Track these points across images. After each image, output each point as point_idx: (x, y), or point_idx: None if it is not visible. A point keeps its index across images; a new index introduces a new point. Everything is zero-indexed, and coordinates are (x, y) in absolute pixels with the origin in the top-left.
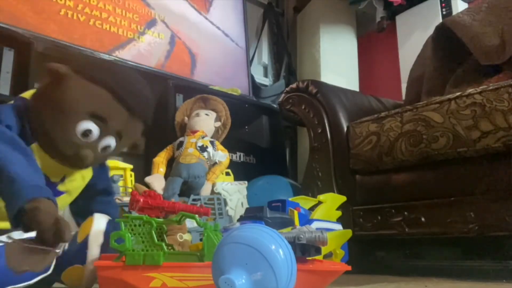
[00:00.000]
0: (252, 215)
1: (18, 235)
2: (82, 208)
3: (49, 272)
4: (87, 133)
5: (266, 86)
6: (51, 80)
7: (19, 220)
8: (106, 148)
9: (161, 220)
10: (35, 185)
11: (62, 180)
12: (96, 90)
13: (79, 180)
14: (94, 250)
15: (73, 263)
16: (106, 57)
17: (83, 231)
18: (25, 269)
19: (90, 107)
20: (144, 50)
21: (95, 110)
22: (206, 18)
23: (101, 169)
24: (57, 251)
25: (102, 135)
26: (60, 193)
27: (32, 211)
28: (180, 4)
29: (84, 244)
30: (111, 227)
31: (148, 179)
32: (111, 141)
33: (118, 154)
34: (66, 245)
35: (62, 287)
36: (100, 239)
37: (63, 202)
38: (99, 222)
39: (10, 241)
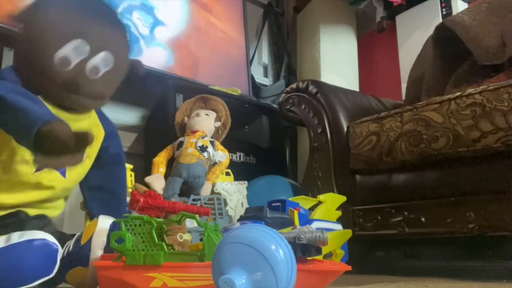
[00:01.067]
0: (252, 215)
1: (18, 237)
2: (94, 181)
3: (53, 274)
4: (65, 61)
5: (266, 86)
6: (20, 25)
7: (39, 145)
8: (94, 70)
9: (161, 220)
10: (46, 112)
11: None
12: (60, 14)
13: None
14: (97, 253)
15: (76, 265)
16: None
17: (87, 233)
18: (59, 164)
19: (61, 33)
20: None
21: (67, 33)
22: (206, 18)
23: (112, 129)
24: (84, 155)
25: (93, 50)
26: None
27: (49, 131)
28: (180, 4)
29: (87, 246)
30: (113, 230)
31: (148, 179)
32: (105, 55)
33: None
34: (71, 247)
35: (68, 287)
36: (103, 242)
37: (83, 166)
38: (102, 225)
39: (7, 244)
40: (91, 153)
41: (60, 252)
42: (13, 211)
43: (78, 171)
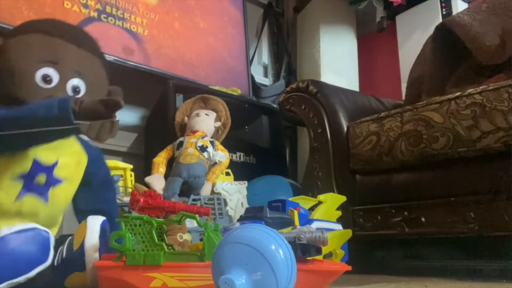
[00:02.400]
0: (252, 215)
1: (8, 229)
2: (86, 206)
3: (49, 261)
4: (46, 78)
5: (266, 86)
6: None
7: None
8: (75, 89)
9: (162, 220)
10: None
11: (56, 164)
12: (35, 38)
13: (73, 165)
14: (91, 256)
15: (73, 271)
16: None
17: (77, 237)
18: (107, 137)
19: (37, 55)
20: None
21: (42, 56)
22: (206, 18)
23: (95, 154)
24: (117, 119)
25: (63, 77)
26: (58, 180)
27: (77, 107)
28: (180, 4)
29: (81, 251)
30: (106, 228)
31: (148, 179)
32: (76, 81)
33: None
34: (64, 253)
35: None
36: (96, 245)
37: (66, 192)
38: (92, 227)
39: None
40: (73, 178)
41: (52, 238)
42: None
43: (61, 196)
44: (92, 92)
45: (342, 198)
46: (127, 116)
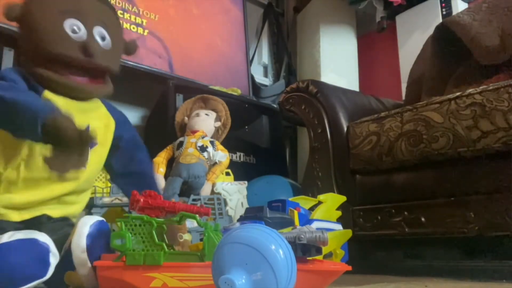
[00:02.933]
0: (252, 215)
1: (7, 237)
2: (121, 169)
3: (47, 276)
4: (74, 29)
5: (266, 86)
6: (16, 21)
7: (46, 136)
8: (101, 36)
9: (162, 220)
10: (50, 106)
11: (87, 129)
12: None
13: (103, 129)
14: (78, 256)
15: (67, 269)
16: None
17: (70, 237)
18: (70, 168)
19: (61, 10)
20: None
21: (66, 10)
22: (206, 18)
23: (121, 116)
24: (89, 149)
25: (89, 26)
26: (92, 144)
27: (54, 122)
28: (180, 4)
29: (69, 251)
30: (97, 228)
31: None
32: (102, 31)
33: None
34: (62, 249)
35: None
36: (83, 244)
37: (99, 156)
38: (81, 227)
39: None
40: (104, 141)
41: (54, 253)
42: (38, 215)
43: (96, 160)
44: (115, 40)
45: (342, 198)
46: (127, 116)
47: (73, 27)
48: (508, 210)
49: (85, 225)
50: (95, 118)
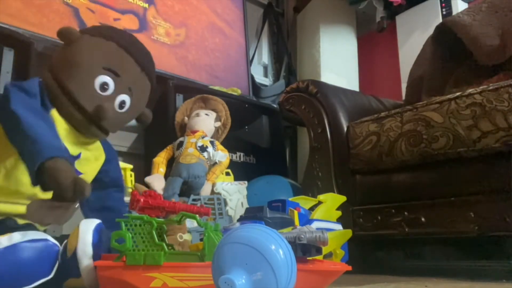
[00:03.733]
0: (252, 215)
1: (21, 236)
2: (95, 203)
3: (51, 275)
4: (104, 86)
5: (266, 86)
6: (64, 43)
7: (39, 179)
8: (122, 104)
9: (162, 220)
10: (54, 146)
11: (78, 156)
12: (107, 45)
13: (92, 161)
14: (85, 263)
15: (69, 276)
16: None
17: (71, 242)
18: (49, 222)
19: (104, 61)
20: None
21: (109, 64)
22: (206, 18)
23: (112, 154)
24: (76, 206)
25: (117, 89)
26: (78, 172)
27: (51, 170)
28: (180, 4)
29: (74, 257)
30: (99, 233)
31: (148, 179)
32: (125, 97)
33: (130, 120)
34: (60, 258)
35: None
36: (89, 251)
37: None
38: (85, 233)
39: (10, 243)
40: (89, 173)
41: (61, 253)
42: (2, 218)
43: None
44: (132, 111)
45: (342, 198)
46: None
47: (104, 86)
48: (508, 210)
49: (88, 231)
50: (88, 149)
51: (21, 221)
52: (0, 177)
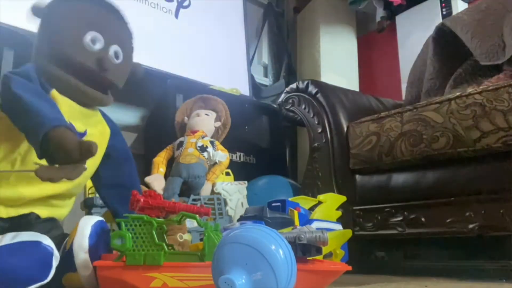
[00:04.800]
0: (252, 215)
1: (10, 238)
2: (108, 180)
3: (48, 279)
4: (94, 40)
5: (266, 86)
6: (40, 18)
7: (45, 149)
8: (116, 54)
9: (162, 220)
10: (56, 117)
11: (85, 133)
12: (83, 5)
13: (99, 136)
14: (80, 257)
15: (67, 270)
16: None
17: (70, 237)
18: (60, 177)
19: (84, 19)
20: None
21: (93, 21)
22: (206, 18)
23: (115, 128)
24: (85, 166)
25: (107, 41)
26: None
27: (56, 137)
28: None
29: (71, 251)
30: (99, 229)
31: (148, 179)
32: (117, 48)
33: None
34: (60, 251)
35: None
36: (85, 245)
37: (91, 163)
38: (83, 227)
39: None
40: (98, 148)
41: (56, 256)
42: (25, 213)
43: (90, 167)
44: (126, 61)
45: (342, 198)
46: (127, 116)
47: (94, 39)
48: (508, 210)
49: (87, 226)
50: (93, 124)
51: (43, 214)
52: (17, 164)
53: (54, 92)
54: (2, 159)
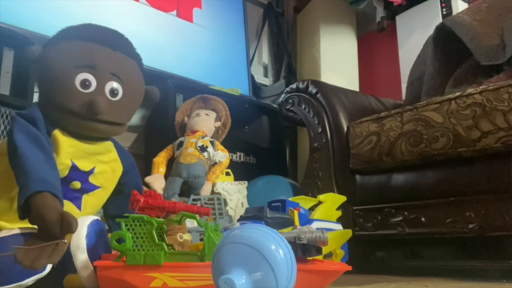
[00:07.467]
0: (252, 215)
1: (7, 231)
2: (115, 211)
3: (46, 271)
4: (86, 83)
5: (266, 86)
6: (35, 62)
7: (26, 212)
8: (113, 92)
9: (162, 220)
10: (43, 179)
11: (92, 171)
12: (73, 45)
13: (110, 173)
14: (79, 258)
15: (67, 272)
16: None
17: (68, 238)
18: (44, 263)
19: (73, 61)
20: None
21: (80, 61)
22: (206, 18)
23: (130, 163)
24: (64, 241)
25: (100, 80)
26: (93, 186)
27: (36, 205)
28: (180, 3)
29: (69, 251)
30: (95, 228)
31: (148, 179)
32: (113, 84)
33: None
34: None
35: None
36: (82, 244)
37: (98, 199)
38: (79, 228)
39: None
40: (107, 185)
41: None
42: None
43: (94, 203)
44: (129, 94)
45: (342, 198)
46: None
47: (85, 82)
48: (508, 210)
49: (83, 226)
50: (103, 161)
51: None
52: (15, 202)
53: (56, 132)
54: (1, 196)
